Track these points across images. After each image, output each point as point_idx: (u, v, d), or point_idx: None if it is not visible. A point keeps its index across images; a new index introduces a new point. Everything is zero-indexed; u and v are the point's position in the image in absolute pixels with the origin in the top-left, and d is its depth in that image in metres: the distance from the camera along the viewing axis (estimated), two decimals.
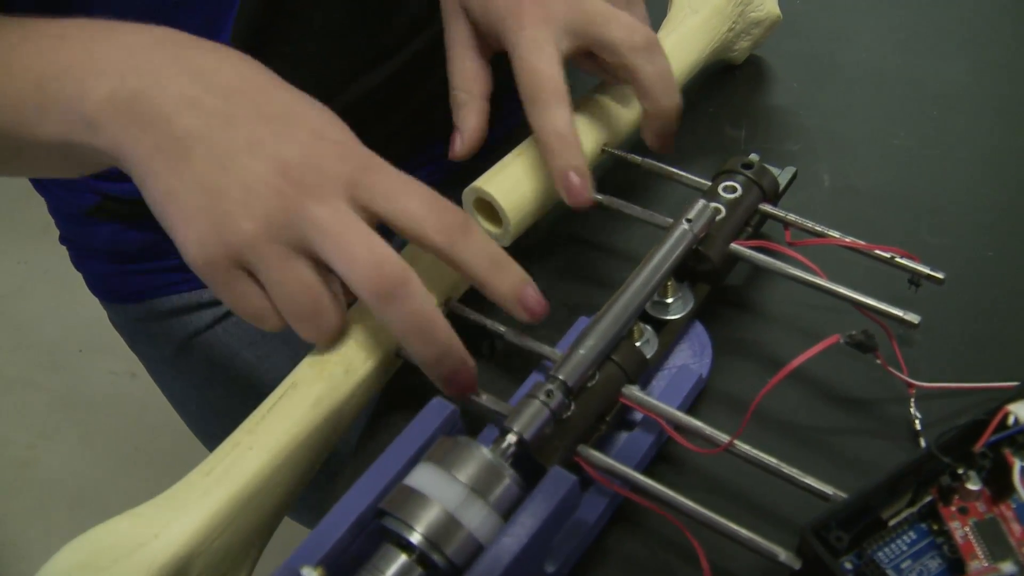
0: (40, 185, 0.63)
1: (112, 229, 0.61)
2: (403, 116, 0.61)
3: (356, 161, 0.35)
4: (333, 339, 0.37)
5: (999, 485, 0.33)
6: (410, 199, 0.36)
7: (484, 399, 0.38)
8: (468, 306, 0.42)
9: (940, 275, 0.40)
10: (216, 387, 0.65)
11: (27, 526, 1.46)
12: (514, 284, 0.37)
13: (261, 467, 0.36)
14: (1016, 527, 0.33)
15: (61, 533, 1.41)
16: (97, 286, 0.67)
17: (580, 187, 0.42)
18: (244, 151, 0.34)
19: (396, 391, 0.45)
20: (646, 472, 0.37)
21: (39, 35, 0.37)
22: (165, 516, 0.35)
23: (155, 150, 0.34)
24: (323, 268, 0.35)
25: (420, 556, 0.30)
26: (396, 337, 0.36)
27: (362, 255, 0.34)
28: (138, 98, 0.34)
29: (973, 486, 0.33)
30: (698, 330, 0.43)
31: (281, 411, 0.38)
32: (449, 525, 0.30)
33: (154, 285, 0.63)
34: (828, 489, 0.34)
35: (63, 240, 0.66)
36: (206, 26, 0.50)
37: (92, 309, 1.79)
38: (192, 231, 0.34)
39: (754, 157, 0.45)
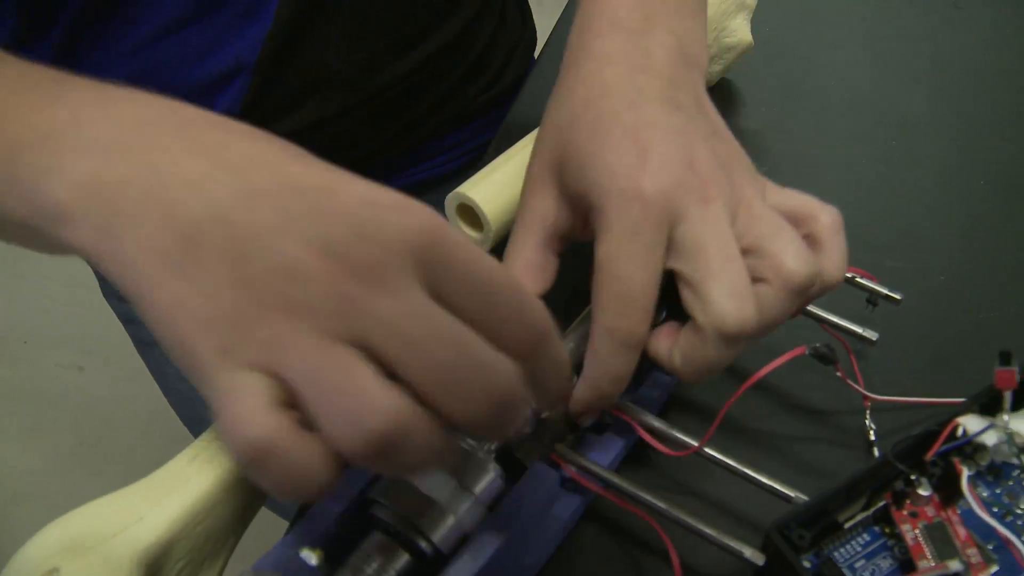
0: None
1: None
2: (421, 108, 0.63)
3: (424, 225, 0.25)
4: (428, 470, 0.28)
5: (947, 491, 0.36)
6: (492, 293, 0.26)
7: None
8: None
9: (898, 296, 0.43)
10: None
11: None
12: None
13: None
14: (961, 530, 0.35)
15: (3, 526, 1.37)
16: None
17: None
18: (272, 231, 0.25)
19: None
20: (616, 473, 0.39)
21: (32, 87, 0.31)
22: (149, 500, 0.36)
23: (151, 250, 0.25)
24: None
25: (407, 543, 0.31)
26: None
27: (466, 377, 0.25)
28: (127, 185, 0.26)
29: (924, 491, 0.35)
30: None
31: None
32: (437, 514, 0.31)
33: None
34: (790, 492, 0.36)
35: None
36: (248, 11, 0.51)
37: (39, 300, 1.75)
38: (211, 342, 0.25)
39: None
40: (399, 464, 0.25)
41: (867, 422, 0.42)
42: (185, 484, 0.36)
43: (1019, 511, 0.37)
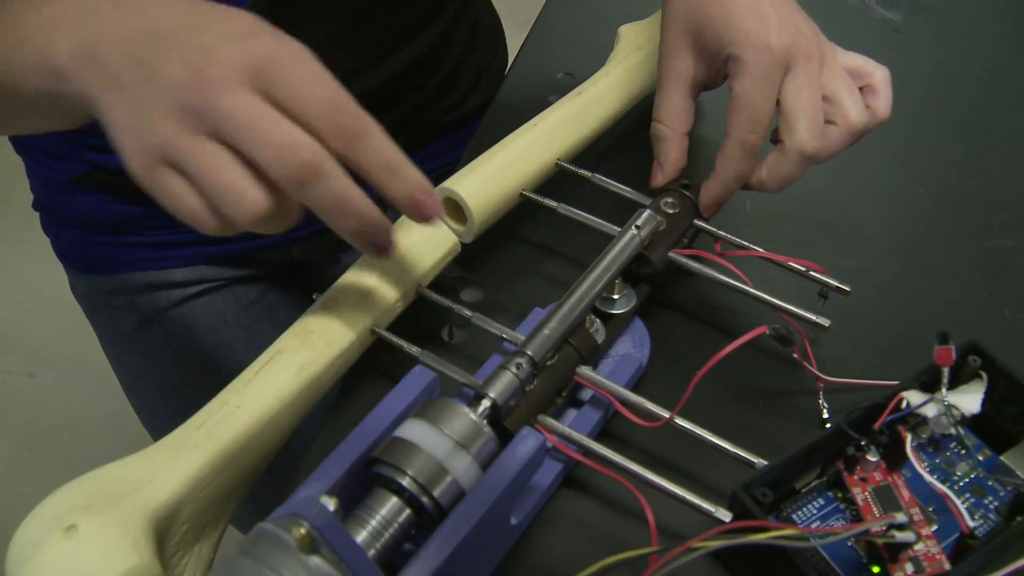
0: (23, 150, 0.64)
1: (95, 199, 0.62)
2: (399, 116, 0.66)
3: (261, 52, 0.35)
4: (259, 221, 0.36)
5: (893, 458, 0.40)
6: (309, 100, 0.36)
7: (436, 363, 0.43)
8: (437, 292, 0.46)
9: (847, 288, 0.47)
10: (170, 366, 0.66)
11: None
12: (409, 189, 0.38)
13: (248, 425, 0.40)
14: (905, 492, 0.39)
15: None
16: (67, 254, 0.68)
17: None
18: (160, 59, 0.36)
19: (360, 373, 0.48)
20: (595, 441, 0.42)
21: (14, 3, 0.41)
22: (158, 464, 0.38)
23: (102, 88, 0.37)
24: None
25: (410, 498, 0.34)
26: (319, 215, 0.37)
27: (276, 141, 0.34)
28: (86, 45, 0.37)
29: (872, 457, 0.39)
30: (638, 325, 0.48)
31: (268, 375, 0.41)
32: (437, 472, 0.34)
33: (129, 259, 0.65)
34: (753, 458, 0.39)
35: (37, 206, 0.67)
36: None
37: None
38: (126, 145, 0.36)
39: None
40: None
41: (820, 402, 0.46)
42: (192, 450, 0.38)
43: (956, 477, 0.41)
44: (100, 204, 0.63)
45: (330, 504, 0.30)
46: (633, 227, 0.46)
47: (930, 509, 0.39)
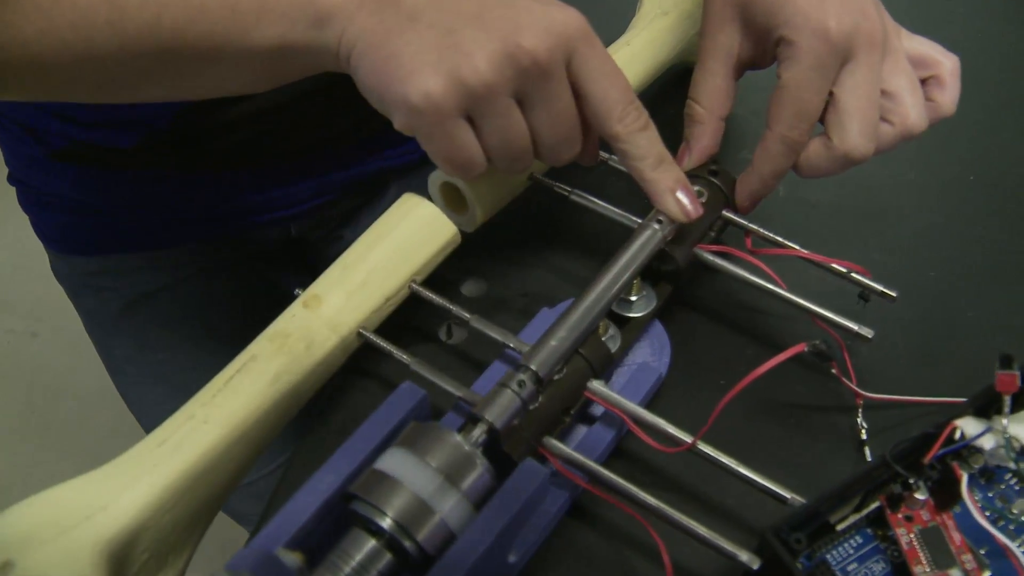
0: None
1: (78, 177, 0.57)
2: None
3: (575, 26, 0.37)
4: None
5: (943, 496, 0.35)
6: (611, 86, 0.38)
7: (448, 385, 0.38)
8: (432, 290, 0.42)
9: (893, 293, 0.42)
10: (160, 351, 0.62)
11: None
12: (673, 184, 0.40)
13: (216, 441, 0.35)
14: (956, 536, 0.34)
15: None
16: (49, 234, 0.63)
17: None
18: (471, 22, 0.36)
19: (347, 377, 0.44)
20: (604, 466, 0.38)
21: None
22: (114, 486, 0.34)
23: (379, 26, 0.36)
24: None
25: (390, 541, 0.30)
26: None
27: (566, 134, 0.38)
28: None
29: (920, 495, 0.34)
30: (658, 329, 0.43)
31: (238, 385, 0.36)
32: (421, 511, 0.30)
33: (113, 240, 0.60)
34: (786, 493, 0.35)
35: (12, 180, 0.62)
36: None
37: None
38: (426, 77, 0.35)
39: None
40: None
41: (859, 420, 0.41)
42: (152, 470, 0.34)
43: (1011, 515, 0.36)
44: (85, 182, 0.58)
45: (291, 560, 0.26)
46: (655, 222, 0.41)
47: (982, 552, 0.35)
